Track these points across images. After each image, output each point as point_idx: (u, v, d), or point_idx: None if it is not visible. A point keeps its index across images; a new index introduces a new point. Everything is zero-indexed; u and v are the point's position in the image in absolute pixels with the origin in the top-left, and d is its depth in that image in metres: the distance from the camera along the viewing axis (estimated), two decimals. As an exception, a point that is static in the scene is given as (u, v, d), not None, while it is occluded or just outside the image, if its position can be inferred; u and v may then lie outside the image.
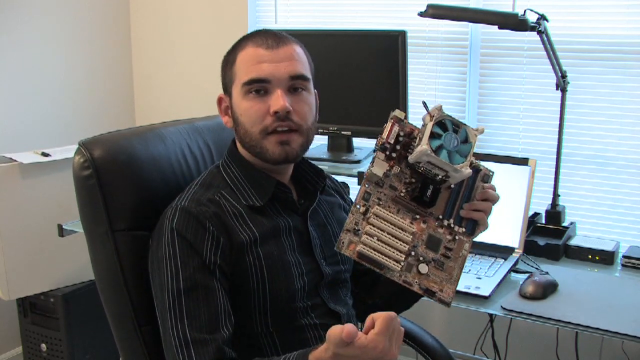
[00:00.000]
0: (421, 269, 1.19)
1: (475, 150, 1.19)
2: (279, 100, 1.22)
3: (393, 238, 1.18)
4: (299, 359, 1.09)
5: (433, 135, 1.16)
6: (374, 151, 1.21)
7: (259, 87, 1.23)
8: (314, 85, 1.32)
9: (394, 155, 1.20)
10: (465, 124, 1.19)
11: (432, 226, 1.22)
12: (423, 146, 1.15)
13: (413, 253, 1.19)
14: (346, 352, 0.98)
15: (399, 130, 1.21)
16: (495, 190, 1.26)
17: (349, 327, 0.96)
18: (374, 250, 1.16)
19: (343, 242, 1.16)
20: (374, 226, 1.17)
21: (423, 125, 1.19)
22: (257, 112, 1.23)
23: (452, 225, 1.23)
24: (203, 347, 1.14)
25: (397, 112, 1.21)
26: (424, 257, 1.19)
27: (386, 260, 1.16)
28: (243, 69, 1.24)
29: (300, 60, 1.26)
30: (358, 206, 1.17)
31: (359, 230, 1.16)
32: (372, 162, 1.20)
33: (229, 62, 1.28)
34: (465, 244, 1.23)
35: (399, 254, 1.17)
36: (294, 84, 1.25)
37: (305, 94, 1.27)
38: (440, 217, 1.22)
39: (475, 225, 1.24)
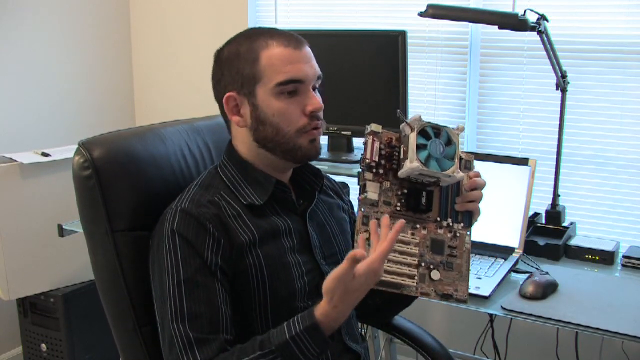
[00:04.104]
0: (433, 275, 1.20)
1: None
2: (315, 100, 1.24)
3: (401, 255, 1.18)
4: (305, 318, 1.12)
5: (418, 147, 1.16)
6: (361, 171, 1.19)
7: (294, 87, 1.23)
8: None
9: (380, 171, 1.20)
10: (444, 126, 1.20)
11: (432, 230, 1.22)
12: (414, 163, 1.15)
13: (423, 263, 1.19)
14: (352, 280, 1.06)
15: (379, 144, 1.20)
16: (480, 176, 1.26)
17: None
18: (388, 273, 1.16)
19: None
20: None
21: (404, 135, 1.19)
22: (292, 112, 1.23)
23: (451, 224, 1.23)
24: (206, 346, 1.14)
25: (374, 127, 1.21)
26: (433, 264, 1.20)
27: (401, 280, 1.17)
28: (274, 68, 1.22)
29: (315, 60, 1.28)
30: (361, 234, 1.16)
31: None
32: (363, 186, 1.18)
33: (246, 59, 1.24)
34: (466, 237, 1.24)
35: (410, 269, 1.18)
36: (315, 84, 1.27)
37: (317, 92, 1.29)
38: (438, 218, 1.22)
39: (470, 215, 1.25)
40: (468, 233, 1.25)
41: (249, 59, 1.24)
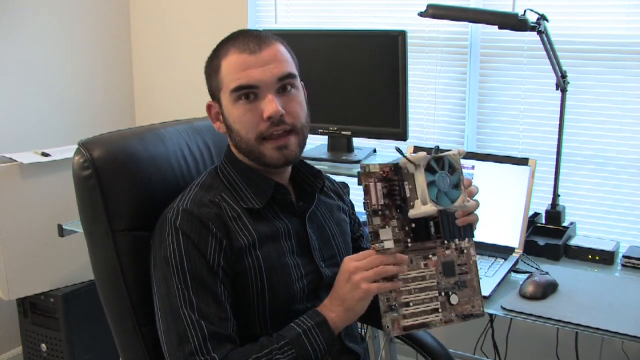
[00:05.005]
0: (452, 300, 1.19)
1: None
2: (271, 105, 1.21)
3: (422, 292, 1.17)
4: (313, 316, 1.18)
5: (427, 185, 1.13)
6: (367, 218, 1.15)
7: (247, 92, 1.22)
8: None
9: (387, 212, 1.15)
10: (445, 154, 1.16)
11: (441, 254, 1.20)
12: (429, 207, 1.12)
13: (443, 293, 1.18)
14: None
15: (381, 185, 1.16)
16: (470, 184, 1.23)
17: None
18: (414, 315, 1.15)
19: (388, 326, 1.14)
20: (403, 293, 1.15)
21: (406, 172, 1.15)
22: (250, 118, 1.23)
23: (457, 243, 1.21)
24: (221, 343, 1.15)
25: (372, 167, 1.15)
26: (449, 288, 1.19)
27: (427, 319, 1.16)
28: (229, 76, 1.23)
29: (285, 60, 1.25)
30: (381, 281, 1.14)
31: (394, 306, 1.15)
32: (376, 234, 1.14)
33: (213, 69, 1.27)
34: (471, 250, 1.22)
35: (433, 304, 1.17)
36: (283, 84, 1.24)
37: (294, 91, 1.26)
38: (446, 241, 1.20)
39: (471, 226, 1.23)
40: (472, 244, 1.23)
41: (215, 68, 1.26)
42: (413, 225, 1.17)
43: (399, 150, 1.16)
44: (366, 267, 1.14)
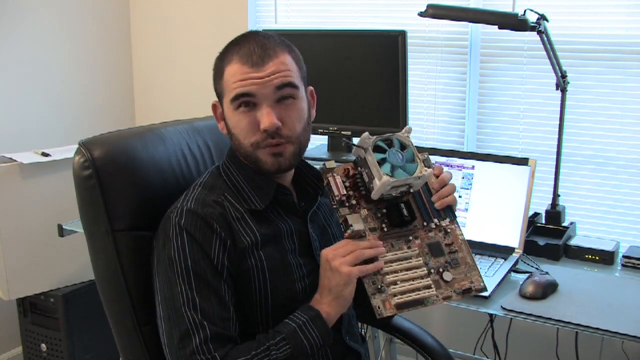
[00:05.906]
0: (446, 277, 1.21)
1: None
2: (267, 118, 1.20)
3: (409, 271, 1.19)
4: (306, 310, 1.19)
5: (379, 163, 1.17)
6: (335, 210, 1.22)
7: (246, 100, 1.22)
8: (309, 83, 1.31)
9: (353, 202, 1.22)
10: (392, 134, 1.22)
11: (424, 236, 1.24)
12: (383, 178, 1.16)
13: (432, 270, 1.21)
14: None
15: (340, 178, 1.23)
16: (442, 171, 1.30)
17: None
18: (405, 293, 1.17)
19: (379, 307, 1.16)
20: (389, 274, 1.18)
21: (361, 159, 1.21)
22: (247, 125, 1.23)
23: (438, 223, 1.25)
24: (223, 343, 1.15)
25: (328, 164, 1.23)
26: (440, 267, 1.21)
27: (421, 294, 1.18)
28: (229, 84, 1.23)
29: (288, 70, 1.23)
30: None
31: (381, 287, 1.17)
32: (345, 222, 1.20)
33: (218, 72, 1.27)
34: (457, 230, 1.26)
35: (424, 280, 1.19)
36: (282, 94, 1.23)
37: (294, 101, 1.25)
38: (425, 223, 1.24)
39: (451, 208, 1.28)
40: (457, 225, 1.27)
41: (220, 72, 1.27)
42: (384, 210, 1.22)
43: (347, 142, 1.21)
44: (343, 253, 1.17)
